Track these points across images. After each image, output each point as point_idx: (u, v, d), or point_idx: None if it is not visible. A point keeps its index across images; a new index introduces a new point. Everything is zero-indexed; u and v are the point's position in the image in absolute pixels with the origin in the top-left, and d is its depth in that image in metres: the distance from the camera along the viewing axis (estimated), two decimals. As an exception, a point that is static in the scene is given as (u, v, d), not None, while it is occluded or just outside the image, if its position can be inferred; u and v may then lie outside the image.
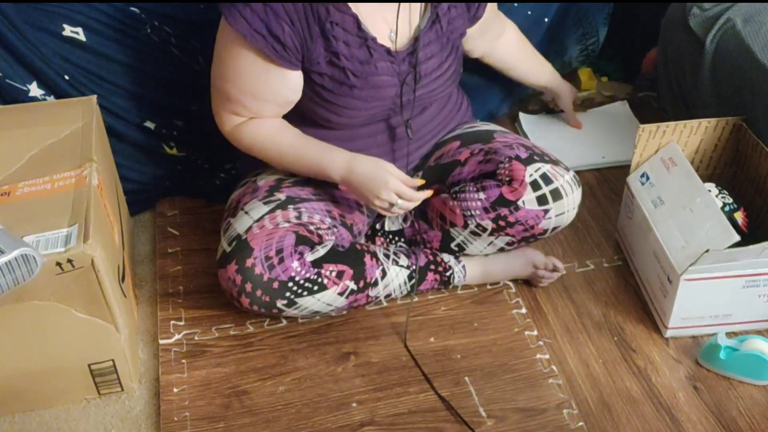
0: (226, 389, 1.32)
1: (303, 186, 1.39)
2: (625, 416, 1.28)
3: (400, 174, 1.31)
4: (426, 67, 1.36)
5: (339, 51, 1.28)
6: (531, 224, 1.37)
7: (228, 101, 1.33)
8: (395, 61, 1.33)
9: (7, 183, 1.24)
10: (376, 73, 1.32)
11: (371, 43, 1.30)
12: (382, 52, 1.31)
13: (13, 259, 1.06)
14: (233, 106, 1.34)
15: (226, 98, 1.33)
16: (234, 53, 1.27)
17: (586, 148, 1.82)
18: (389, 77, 1.33)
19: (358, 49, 1.29)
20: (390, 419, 1.27)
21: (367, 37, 1.29)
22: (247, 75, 1.29)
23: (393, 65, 1.33)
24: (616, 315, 1.45)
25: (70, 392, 1.29)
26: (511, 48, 1.70)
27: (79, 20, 1.48)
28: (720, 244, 1.28)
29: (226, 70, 1.30)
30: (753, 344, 1.31)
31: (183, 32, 1.55)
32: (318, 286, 1.32)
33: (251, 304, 1.31)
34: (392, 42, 1.33)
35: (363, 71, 1.30)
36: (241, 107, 1.33)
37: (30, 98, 1.46)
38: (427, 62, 1.36)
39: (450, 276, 1.46)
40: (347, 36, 1.28)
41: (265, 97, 1.31)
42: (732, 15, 1.56)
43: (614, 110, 1.96)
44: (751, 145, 1.48)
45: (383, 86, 1.33)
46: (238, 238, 1.31)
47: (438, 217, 1.43)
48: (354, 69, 1.30)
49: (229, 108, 1.35)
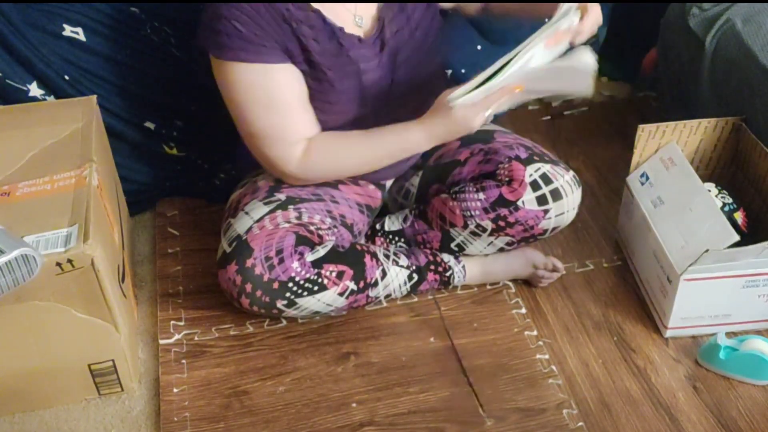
0: (226, 389, 1.32)
1: (303, 186, 1.39)
2: (624, 416, 1.28)
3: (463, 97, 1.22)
4: (398, 41, 1.34)
5: (310, 48, 1.27)
6: (531, 224, 1.37)
7: (266, 136, 1.29)
8: (366, 46, 1.32)
9: (7, 183, 1.24)
10: (351, 63, 1.30)
11: (339, 33, 1.28)
12: (352, 40, 1.30)
13: (13, 259, 1.06)
14: (273, 135, 1.29)
15: (263, 137, 1.29)
16: (235, 82, 1.26)
17: None
18: (365, 63, 1.32)
19: (328, 42, 1.28)
20: (390, 419, 1.27)
21: (334, 29, 1.28)
22: (256, 91, 1.26)
23: (365, 51, 1.31)
24: (615, 315, 1.45)
25: (70, 392, 1.29)
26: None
27: (79, 20, 1.48)
28: (720, 244, 1.28)
29: (242, 107, 1.27)
30: (753, 344, 1.31)
31: (183, 32, 1.55)
32: (318, 286, 1.32)
33: (251, 304, 1.31)
34: (360, 27, 1.32)
35: (337, 63, 1.29)
36: (279, 131, 1.29)
37: (30, 98, 1.47)
38: (396, 36, 1.33)
39: (450, 276, 1.46)
40: (315, 32, 1.26)
41: (283, 101, 1.27)
42: (732, 15, 1.56)
43: None
44: (751, 145, 1.48)
45: (362, 73, 1.32)
46: (239, 239, 1.31)
47: (438, 217, 1.43)
48: (327, 63, 1.28)
49: (274, 140, 1.30)
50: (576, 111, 2.00)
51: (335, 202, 1.41)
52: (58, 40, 1.48)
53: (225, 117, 1.62)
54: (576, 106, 2.02)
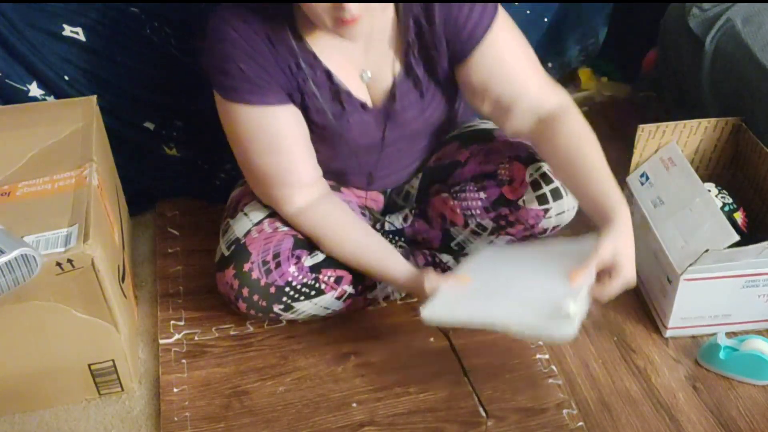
0: (226, 389, 1.32)
1: None
2: (624, 416, 1.28)
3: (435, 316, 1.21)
4: (404, 119, 1.30)
5: (309, 104, 1.24)
6: (531, 223, 1.37)
7: (265, 176, 1.27)
8: (370, 114, 1.28)
9: (7, 183, 1.24)
10: (349, 128, 1.27)
11: (345, 96, 1.25)
12: (356, 106, 1.26)
13: (13, 259, 1.06)
14: (273, 176, 1.26)
15: (262, 174, 1.27)
16: (236, 121, 1.23)
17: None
18: (363, 128, 1.29)
19: (330, 102, 1.24)
20: (390, 419, 1.27)
21: (340, 91, 1.24)
22: (256, 131, 1.23)
23: (367, 118, 1.28)
24: (615, 315, 1.45)
25: (70, 392, 1.29)
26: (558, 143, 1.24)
27: (79, 20, 1.48)
28: (719, 244, 1.28)
29: (242, 143, 1.25)
30: (752, 344, 1.31)
31: (183, 33, 1.55)
32: (315, 291, 1.32)
33: (248, 308, 1.30)
34: (364, 82, 1.26)
35: (333, 124, 1.26)
36: (278, 172, 1.26)
37: (30, 98, 1.47)
38: (404, 113, 1.29)
39: (450, 276, 1.46)
40: (320, 90, 1.23)
41: (284, 143, 1.24)
42: (731, 15, 1.56)
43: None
44: (751, 145, 1.48)
45: (358, 138, 1.29)
46: (237, 242, 1.30)
47: (438, 216, 1.43)
48: (323, 122, 1.26)
49: (272, 181, 1.27)
50: (576, 111, 2.00)
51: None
52: (58, 40, 1.48)
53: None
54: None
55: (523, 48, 1.28)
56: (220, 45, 1.19)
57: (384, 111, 1.29)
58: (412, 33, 1.23)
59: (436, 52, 1.24)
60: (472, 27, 1.21)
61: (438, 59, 1.25)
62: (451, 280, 1.22)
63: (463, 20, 1.21)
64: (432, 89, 1.30)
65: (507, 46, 1.24)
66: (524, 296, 1.16)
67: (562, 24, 1.91)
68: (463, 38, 1.22)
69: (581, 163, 1.20)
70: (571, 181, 1.24)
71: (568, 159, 1.22)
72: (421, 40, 1.24)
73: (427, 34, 1.23)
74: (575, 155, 1.21)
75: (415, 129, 1.34)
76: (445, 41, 1.23)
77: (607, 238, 1.13)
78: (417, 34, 1.23)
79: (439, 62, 1.26)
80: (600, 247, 1.12)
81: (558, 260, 1.20)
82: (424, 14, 1.21)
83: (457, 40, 1.22)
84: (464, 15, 1.21)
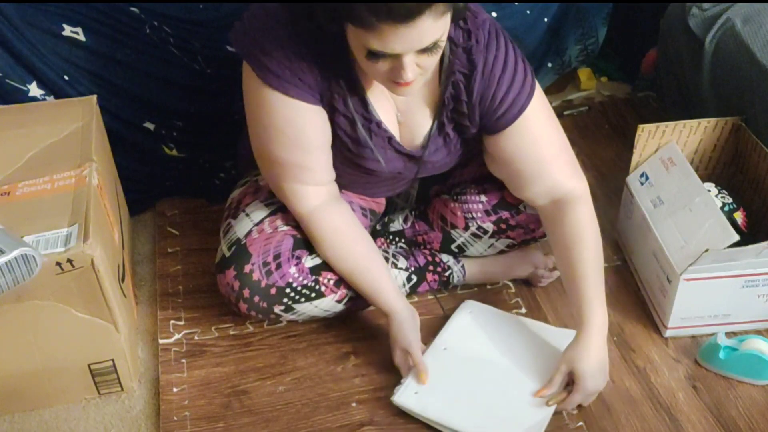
0: (226, 389, 1.32)
1: None
2: (624, 416, 1.28)
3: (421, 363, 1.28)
4: (428, 165, 1.31)
5: (339, 124, 1.23)
6: (532, 227, 1.37)
7: (282, 167, 1.24)
8: (394, 148, 1.27)
9: (7, 183, 1.24)
10: (372, 157, 1.26)
11: (374, 126, 1.23)
12: (383, 137, 1.25)
13: (13, 259, 1.06)
14: (291, 170, 1.24)
15: (279, 165, 1.24)
16: (264, 106, 1.19)
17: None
18: (386, 163, 1.28)
19: (359, 128, 1.23)
20: (390, 419, 1.27)
21: (372, 119, 1.23)
22: (281, 122, 1.20)
23: (390, 153, 1.27)
24: (615, 315, 1.45)
25: (70, 392, 1.29)
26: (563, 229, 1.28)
27: (79, 20, 1.48)
28: (719, 243, 1.28)
29: (265, 131, 1.22)
30: (752, 344, 1.31)
31: (183, 32, 1.55)
32: (315, 293, 1.32)
33: (249, 309, 1.30)
34: (398, 123, 1.26)
35: (357, 151, 1.26)
36: (297, 169, 1.24)
37: (30, 98, 1.47)
38: (430, 160, 1.30)
39: (449, 276, 1.46)
40: (353, 113, 1.22)
41: (307, 141, 1.22)
42: (731, 15, 1.56)
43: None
44: (751, 145, 1.48)
45: (377, 168, 1.29)
46: (238, 243, 1.30)
47: (439, 218, 1.43)
48: (350, 146, 1.25)
49: (290, 175, 1.25)
50: (576, 111, 2.00)
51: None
52: (58, 40, 1.48)
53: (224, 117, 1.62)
54: (576, 106, 2.02)
55: (554, 129, 1.29)
56: (274, 27, 1.15)
57: (411, 155, 1.29)
58: (449, 96, 1.22)
59: (468, 121, 1.24)
60: (507, 106, 1.21)
61: (469, 127, 1.25)
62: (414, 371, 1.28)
63: (500, 98, 1.20)
64: (459, 146, 1.30)
65: (538, 128, 1.25)
66: (492, 405, 1.25)
67: (561, 24, 1.91)
68: (497, 116, 1.22)
69: (576, 260, 1.26)
70: (563, 272, 1.30)
71: (566, 250, 1.27)
72: (456, 106, 1.23)
73: (463, 103, 1.22)
74: (573, 250, 1.26)
75: (431, 171, 1.35)
76: (478, 114, 1.23)
77: (568, 351, 1.24)
78: (453, 97, 1.22)
79: (470, 129, 1.26)
80: (561, 361, 1.25)
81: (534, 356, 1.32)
82: (464, 82, 1.21)
83: (491, 116, 1.22)
84: (502, 92, 1.20)
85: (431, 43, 1.04)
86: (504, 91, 1.20)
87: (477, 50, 1.18)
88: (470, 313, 1.40)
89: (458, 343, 1.35)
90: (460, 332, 1.37)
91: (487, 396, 1.26)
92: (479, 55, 1.18)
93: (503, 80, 1.20)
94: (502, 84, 1.20)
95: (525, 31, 1.85)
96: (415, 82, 1.10)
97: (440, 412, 1.24)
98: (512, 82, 1.20)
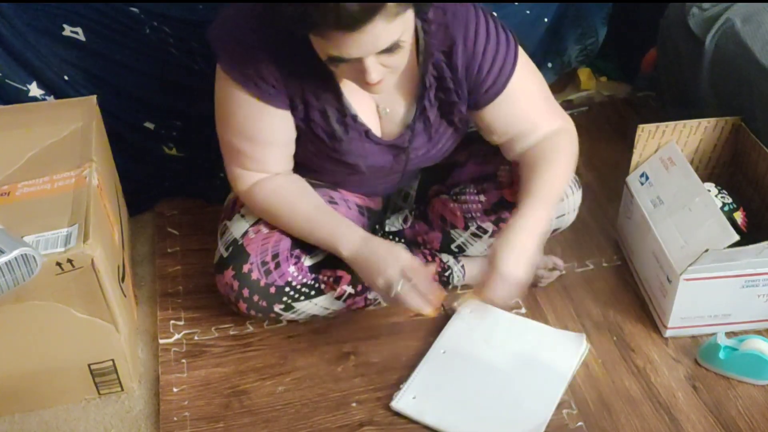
0: (226, 389, 1.32)
1: None
2: (624, 416, 1.28)
3: (413, 260, 1.25)
4: (411, 155, 1.30)
5: (314, 119, 1.22)
6: (531, 226, 1.37)
7: (232, 151, 1.26)
8: (373, 141, 1.26)
9: (7, 183, 1.24)
10: (349, 151, 1.26)
11: (350, 120, 1.23)
12: (359, 131, 1.24)
13: (13, 259, 1.06)
14: (239, 157, 1.26)
15: (230, 149, 1.26)
16: (228, 97, 1.21)
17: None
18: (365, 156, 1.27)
19: (335, 123, 1.23)
20: (390, 419, 1.27)
21: (347, 113, 1.22)
22: (241, 117, 1.21)
23: (369, 146, 1.26)
24: (615, 315, 1.45)
25: (70, 392, 1.29)
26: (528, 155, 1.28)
27: (79, 20, 1.48)
28: (719, 243, 1.28)
29: (224, 117, 1.24)
30: (752, 344, 1.31)
31: (182, 32, 1.55)
32: (315, 291, 1.32)
33: (249, 309, 1.30)
34: (381, 116, 1.26)
35: (334, 146, 1.25)
36: (245, 158, 1.25)
37: (30, 98, 1.47)
38: (412, 151, 1.29)
39: (449, 276, 1.46)
40: (327, 107, 1.21)
41: (262, 138, 1.23)
42: (731, 15, 1.56)
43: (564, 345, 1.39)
44: (750, 144, 1.48)
45: (359, 162, 1.28)
46: (235, 243, 1.30)
47: (438, 218, 1.43)
48: (327, 141, 1.25)
49: (237, 161, 1.27)
50: (576, 111, 2.00)
51: (334, 203, 1.40)
52: (58, 40, 1.48)
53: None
54: (576, 106, 2.02)
55: (538, 84, 1.29)
56: (244, 28, 1.16)
57: (393, 146, 1.28)
58: (431, 77, 1.21)
59: (457, 98, 1.23)
60: (494, 77, 1.21)
61: (458, 104, 1.24)
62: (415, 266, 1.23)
63: (486, 69, 1.20)
64: (441, 130, 1.29)
65: (526, 90, 1.25)
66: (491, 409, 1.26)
67: (561, 24, 1.91)
68: (485, 87, 1.22)
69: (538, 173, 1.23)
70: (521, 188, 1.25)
71: (533, 164, 1.25)
72: (441, 84, 1.22)
73: (448, 80, 1.21)
74: (539, 164, 1.24)
75: (420, 163, 1.34)
76: (466, 88, 1.22)
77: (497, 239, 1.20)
78: (436, 77, 1.22)
79: (458, 106, 1.25)
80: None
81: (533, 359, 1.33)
82: (446, 60, 1.20)
83: (480, 88, 1.22)
84: (488, 64, 1.20)
85: (390, 45, 1.03)
86: (490, 63, 1.19)
87: (455, 24, 1.17)
88: (470, 312, 1.40)
89: (457, 345, 1.35)
90: (459, 334, 1.37)
91: (485, 399, 1.27)
92: (459, 28, 1.17)
93: (487, 52, 1.19)
94: (487, 55, 1.19)
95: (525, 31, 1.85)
96: (386, 80, 1.10)
97: (439, 417, 1.24)
98: (497, 52, 1.19)
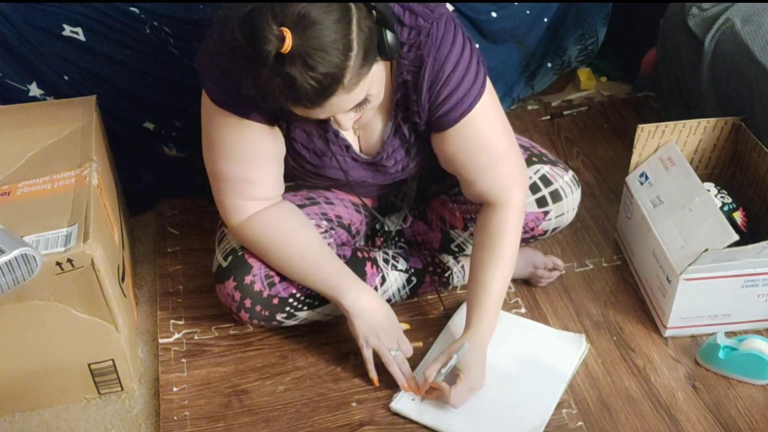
0: (226, 388, 1.32)
1: (296, 192, 1.36)
2: (624, 415, 1.28)
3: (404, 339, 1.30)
4: (390, 170, 1.30)
5: (295, 136, 1.23)
6: (531, 226, 1.37)
7: (224, 182, 1.23)
8: (353, 156, 1.27)
9: (7, 183, 1.24)
10: (332, 166, 1.26)
11: (331, 136, 1.23)
12: (341, 146, 1.25)
13: (13, 259, 1.06)
14: (233, 186, 1.23)
15: (222, 179, 1.23)
16: (217, 124, 1.19)
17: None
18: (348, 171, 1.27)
19: (316, 139, 1.23)
20: (390, 419, 1.27)
21: (329, 129, 1.22)
22: (232, 140, 1.19)
23: (350, 161, 1.27)
24: (615, 315, 1.45)
25: (70, 392, 1.29)
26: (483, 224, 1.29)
27: (79, 20, 1.48)
28: (719, 243, 1.28)
29: (214, 145, 1.21)
30: (752, 344, 1.31)
31: (182, 32, 1.55)
32: (319, 301, 1.32)
33: (251, 318, 1.30)
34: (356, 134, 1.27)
35: (318, 162, 1.26)
36: (239, 183, 1.23)
37: (30, 98, 1.47)
38: (391, 166, 1.29)
39: (449, 276, 1.46)
40: (306, 125, 1.21)
41: (255, 157, 1.21)
42: (731, 15, 1.56)
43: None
44: (750, 144, 1.48)
45: (342, 176, 1.28)
46: (234, 253, 1.29)
47: (437, 218, 1.43)
48: (309, 157, 1.25)
49: (231, 190, 1.23)
50: (575, 111, 2.00)
51: (330, 203, 1.39)
52: (58, 40, 1.48)
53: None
54: (576, 106, 2.02)
55: (500, 135, 1.25)
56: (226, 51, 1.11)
57: (371, 162, 1.28)
58: (399, 95, 1.21)
59: (417, 117, 1.21)
60: (451, 106, 1.18)
61: (419, 123, 1.22)
62: None
63: (444, 95, 1.17)
64: (417, 146, 1.28)
65: (481, 133, 1.22)
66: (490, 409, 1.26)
67: (561, 24, 1.91)
68: (440, 113, 1.19)
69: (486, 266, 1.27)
70: (471, 271, 1.30)
71: (481, 250, 1.28)
72: (406, 105, 1.21)
73: (411, 101, 1.20)
74: (486, 253, 1.27)
75: (401, 175, 1.33)
76: (427, 110, 1.20)
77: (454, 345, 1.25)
78: (404, 97, 1.21)
79: (420, 126, 1.23)
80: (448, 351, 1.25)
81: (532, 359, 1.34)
82: (413, 80, 1.18)
83: (434, 112, 1.19)
84: (447, 90, 1.17)
85: (357, 103, 1.05)
86: (450, 90, 1.17)
87: (428, 45, 1.15)
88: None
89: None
90: (459, 334, 1.36)
91: (485, 399, 1.26)
92: (430, 50, 1.15)
93: (452, 78, 1.17)
94: (450, 82, 1.17)
95: (525, 31, 1.85)
96: (361, 119, 1.12)
97: (438, 418, 1.24)
98: (460, 83, 1.17)
